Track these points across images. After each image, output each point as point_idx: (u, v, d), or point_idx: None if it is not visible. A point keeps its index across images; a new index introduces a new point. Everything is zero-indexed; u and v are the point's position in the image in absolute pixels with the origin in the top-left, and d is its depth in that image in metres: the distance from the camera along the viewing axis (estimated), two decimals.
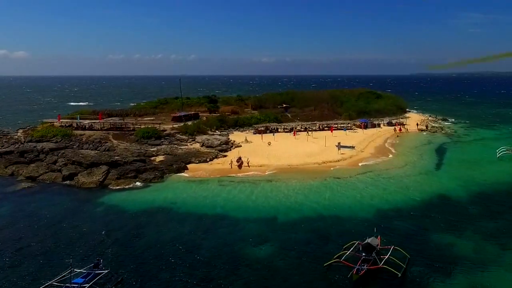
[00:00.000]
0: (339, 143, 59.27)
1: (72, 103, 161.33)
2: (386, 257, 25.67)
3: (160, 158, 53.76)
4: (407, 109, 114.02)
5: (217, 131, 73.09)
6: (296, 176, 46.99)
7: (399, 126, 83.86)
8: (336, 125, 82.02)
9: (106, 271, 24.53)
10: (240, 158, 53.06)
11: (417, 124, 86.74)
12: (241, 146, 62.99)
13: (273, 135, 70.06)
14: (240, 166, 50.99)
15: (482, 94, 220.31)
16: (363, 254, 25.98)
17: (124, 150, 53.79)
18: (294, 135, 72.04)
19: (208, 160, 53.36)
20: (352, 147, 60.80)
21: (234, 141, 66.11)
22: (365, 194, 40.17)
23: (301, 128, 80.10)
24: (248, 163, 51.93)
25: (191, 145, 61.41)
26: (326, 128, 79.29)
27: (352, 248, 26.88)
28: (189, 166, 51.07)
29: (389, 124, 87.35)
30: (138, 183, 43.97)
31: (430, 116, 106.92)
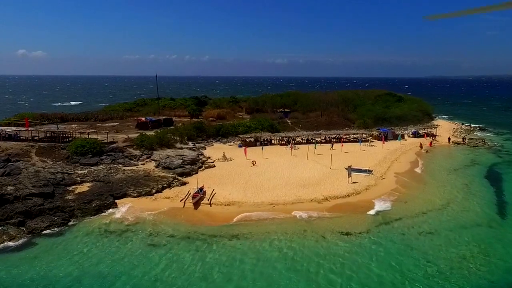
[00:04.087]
0: (349, 166, 41.41)
1: (56, 104, 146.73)
2: None
3: (85, 187, 36.78)
4: (434, 115, 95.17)
5: (190, 143, 56.01)
6: (278, 227, 29.48)
7: (428, 139, 65.09)
8: (347, 136, 64.18)
9: None
10: (200, 189, 35.80)
11: (449, 139, 65.37)
12: (214, 166, 45.83)
13: (262, 149, 52.63)
14: (197, 204, 33.64)
15: (510, 98, 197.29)
16: None
17: (32, 174, 36.83)
18: (291, 149, 54.44)
19: (154, 191, 36.17)
20: (369, 172, 43.06)
21: (209, 157, 49.03)
22: (386, 279, 22.35)
23: (301, 139, 62.55)
24: (210, 199, 34.59)
25: (143, 164, 44.36)
26: (334, 140, 61.27)
27: None
28: (121, 201, 33.95)
29: (416, 134, 68.72)
30: (10, 242, 26.44)
31: (463, 124, 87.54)
